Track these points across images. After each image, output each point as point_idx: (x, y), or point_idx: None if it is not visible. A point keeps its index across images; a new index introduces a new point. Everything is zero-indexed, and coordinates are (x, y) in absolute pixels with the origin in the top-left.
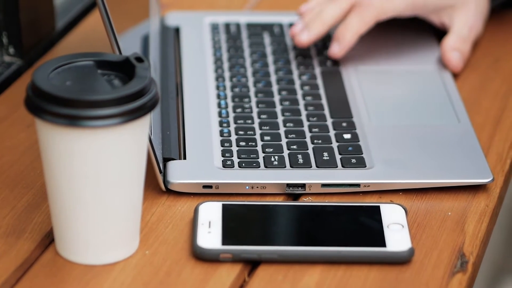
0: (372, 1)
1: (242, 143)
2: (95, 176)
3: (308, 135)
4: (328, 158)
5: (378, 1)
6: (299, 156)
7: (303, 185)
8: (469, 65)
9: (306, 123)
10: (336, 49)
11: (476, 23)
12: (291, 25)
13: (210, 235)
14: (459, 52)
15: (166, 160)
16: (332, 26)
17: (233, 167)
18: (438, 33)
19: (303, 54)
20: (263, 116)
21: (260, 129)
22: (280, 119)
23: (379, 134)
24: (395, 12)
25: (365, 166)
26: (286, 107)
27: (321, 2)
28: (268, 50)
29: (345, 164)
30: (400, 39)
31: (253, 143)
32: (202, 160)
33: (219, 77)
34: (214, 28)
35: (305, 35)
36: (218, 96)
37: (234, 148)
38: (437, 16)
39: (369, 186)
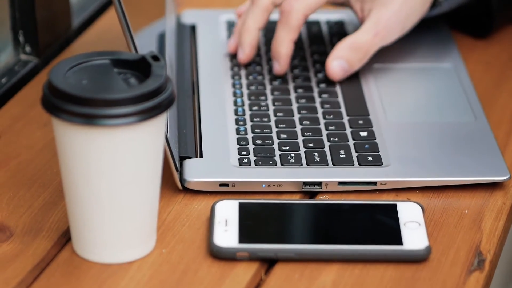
0: (292, 5)
1: (259, 141)
2: (112, 174)
3: (324, 133)
4: (344, 156)
5: (298, 3)
6: (316, 154)
7: (319, 183)
8: (485, 63)
9: (322, 121)
10: (277, 68)
11: (392, 24)
12: (306, 23)
13: (226, 234)
14: (343, 61)
15: (182, 158)
16: (261, 29)
17: (250, 165)
18: (454, 29)
19: (319, 51)
20: (280, 114)
21: (277, 127)
22: (296, 117)
23: (396, 131)
24: (320, 4)
25: (382, 164)
26: (302, 105)
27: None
28: None
29: (362, 162)
30: (415, 36)
31: (270, 141)
32: (218, 158)
33: (235, 75)
34: (230, 25)
35: (241, 54)
36: (234, 94)
37: (251, 146)
38: (360, 5)
39: (385, 184)
